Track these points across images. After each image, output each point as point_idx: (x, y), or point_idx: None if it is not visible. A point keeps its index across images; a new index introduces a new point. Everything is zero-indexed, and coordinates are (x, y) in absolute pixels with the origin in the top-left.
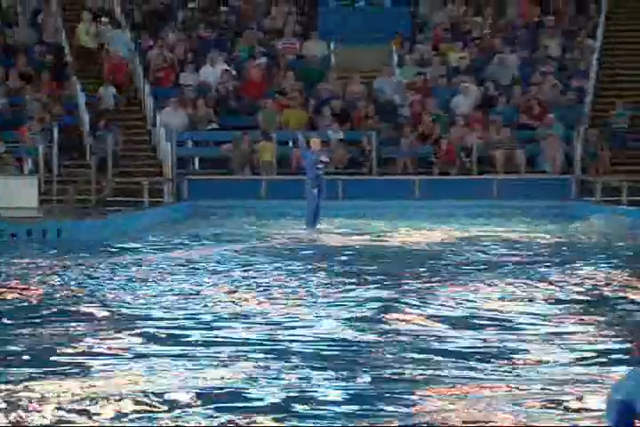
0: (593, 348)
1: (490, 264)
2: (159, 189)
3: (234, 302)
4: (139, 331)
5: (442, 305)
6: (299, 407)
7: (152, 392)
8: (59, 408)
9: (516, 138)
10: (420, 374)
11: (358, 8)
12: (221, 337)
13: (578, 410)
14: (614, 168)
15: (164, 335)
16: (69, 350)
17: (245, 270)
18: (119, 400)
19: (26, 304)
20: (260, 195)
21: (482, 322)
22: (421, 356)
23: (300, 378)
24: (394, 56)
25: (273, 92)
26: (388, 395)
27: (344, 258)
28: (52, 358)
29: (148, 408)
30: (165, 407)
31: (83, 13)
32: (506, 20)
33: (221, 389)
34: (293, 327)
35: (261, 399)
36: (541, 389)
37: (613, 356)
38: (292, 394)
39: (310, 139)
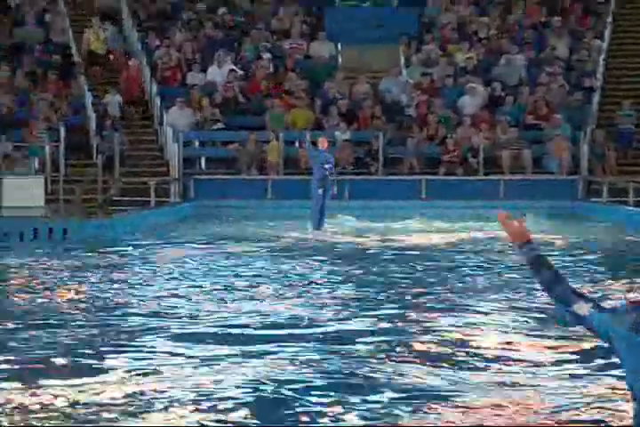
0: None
1: (493, 265)
2: (165, 189)
3: (234, 301)
4: (142, 331)
5: (447, 309)
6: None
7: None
8: (64, 410)
9: (522, 138)
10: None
11: (365, 8)
12: (220, 339)
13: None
14: (621, 169)
15: (165, 336)
16: (78, 351)
17: (248, 270)
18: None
19: (27, 305)
20: (266, 195)
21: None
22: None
23: (302, 383)
24: (401, 56)
25: (280, 92)
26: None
27: (348, 258)
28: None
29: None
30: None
31: (92, 19)
32: (512, 21)
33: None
34: (295, 328)
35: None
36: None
37: None
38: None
39: (318, 139)
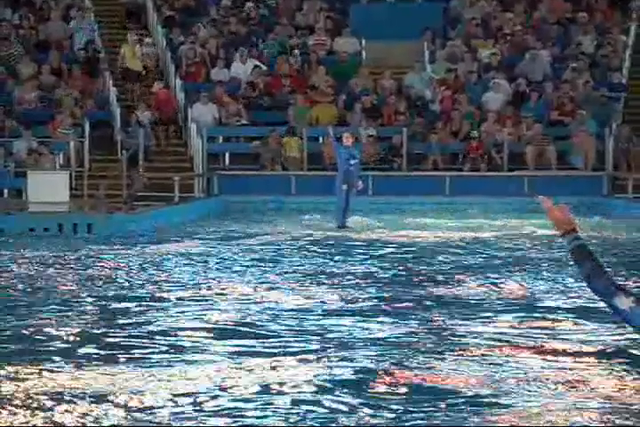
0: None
1: (520, 261)
2: (190, 185)
3: (254, 297)
4: (163, 324)
5: (468, 303)
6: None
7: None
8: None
9: (547, 134)
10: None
11: (390, 4)
12: (236, 335)
13: None
14: None
15: (177, 330)
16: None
17: (271, 266)
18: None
19: (44, 298)
20: (290, 190)
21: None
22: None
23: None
24: (425, 52)
25: (304, 88)
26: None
27: (372, 254)
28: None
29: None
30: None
31: (127, 35)
32: (537, 16)
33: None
34: (316, 321)
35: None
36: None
37: None
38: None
39: (342, 134)
